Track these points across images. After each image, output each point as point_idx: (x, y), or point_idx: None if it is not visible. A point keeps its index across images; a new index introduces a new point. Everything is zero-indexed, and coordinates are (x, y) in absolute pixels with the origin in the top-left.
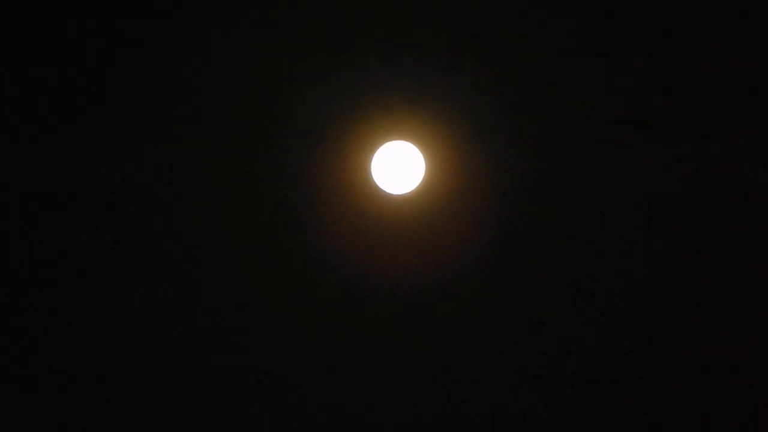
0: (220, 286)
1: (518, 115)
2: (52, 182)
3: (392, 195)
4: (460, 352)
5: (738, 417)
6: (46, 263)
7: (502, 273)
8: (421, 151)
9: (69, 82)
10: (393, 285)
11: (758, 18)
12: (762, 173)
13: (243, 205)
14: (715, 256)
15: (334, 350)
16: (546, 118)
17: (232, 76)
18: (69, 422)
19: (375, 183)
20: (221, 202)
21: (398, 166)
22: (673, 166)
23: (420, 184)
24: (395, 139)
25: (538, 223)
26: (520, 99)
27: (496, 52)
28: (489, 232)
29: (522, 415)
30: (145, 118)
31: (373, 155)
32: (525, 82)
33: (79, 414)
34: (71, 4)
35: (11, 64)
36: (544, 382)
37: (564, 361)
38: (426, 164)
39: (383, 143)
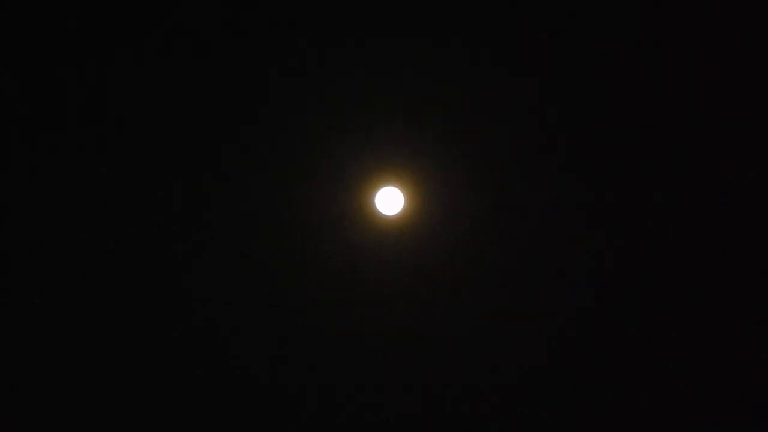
0: (230, 283)
1: (470, 165)
2: (53, 182)
3: (387, 216)
4: (448, 338)
5: (738, 417)
6: (46, 260)
7: (462, 266)
8: (402, 191)
9: (78, 87)
10: (387, 272)
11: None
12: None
13: (280, 226)
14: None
15: (335, 339)
16: (493, 167)
17: (286, 139)
18: (70, 422)
19: (377, 208)
20: (255, 224)
21: (391, 199)
22: (625, 198)
23: (401, 209)
24: (389, 184)
25: (486, 235)
26: (474, 155)
27: (458, 125)
28: (448, 240)
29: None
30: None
31: (376, 192)
32: (479, 147)
33: (79, 414)
34: (107, 25)
35: (34, 68)
36: (494, 389)
37: (522, 368)
38: (405, 198)
39: (383, 186)
